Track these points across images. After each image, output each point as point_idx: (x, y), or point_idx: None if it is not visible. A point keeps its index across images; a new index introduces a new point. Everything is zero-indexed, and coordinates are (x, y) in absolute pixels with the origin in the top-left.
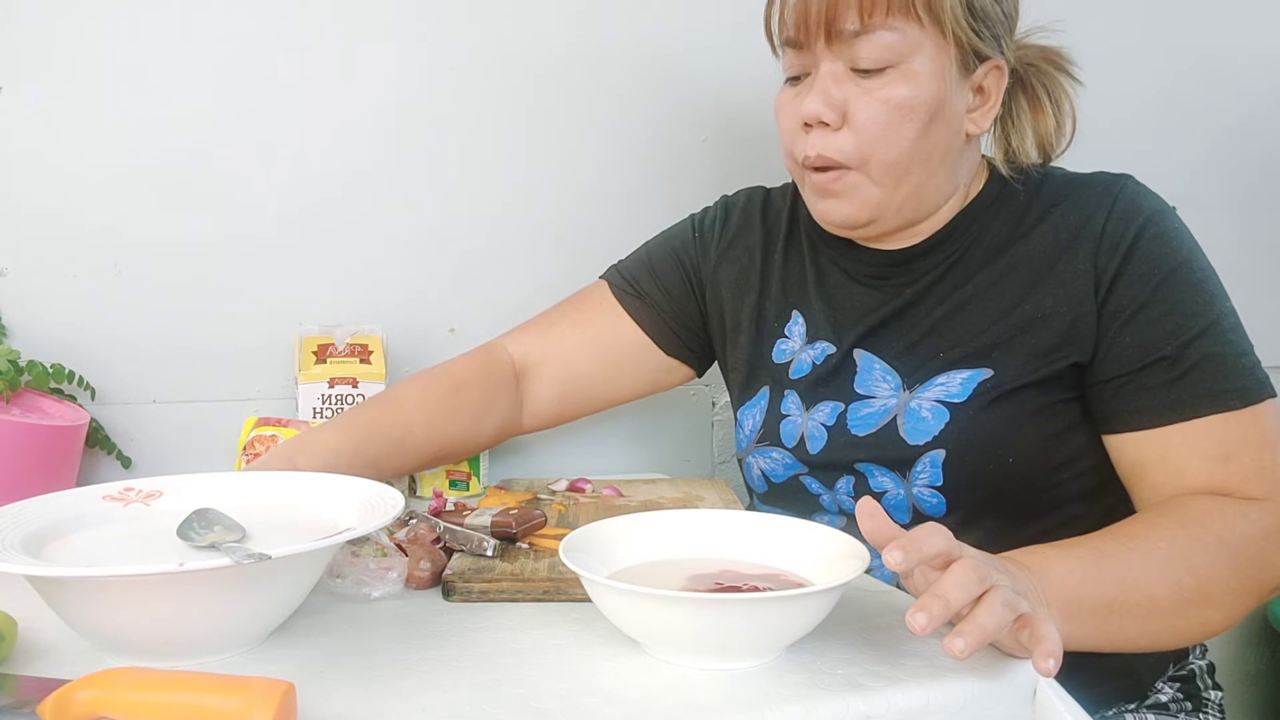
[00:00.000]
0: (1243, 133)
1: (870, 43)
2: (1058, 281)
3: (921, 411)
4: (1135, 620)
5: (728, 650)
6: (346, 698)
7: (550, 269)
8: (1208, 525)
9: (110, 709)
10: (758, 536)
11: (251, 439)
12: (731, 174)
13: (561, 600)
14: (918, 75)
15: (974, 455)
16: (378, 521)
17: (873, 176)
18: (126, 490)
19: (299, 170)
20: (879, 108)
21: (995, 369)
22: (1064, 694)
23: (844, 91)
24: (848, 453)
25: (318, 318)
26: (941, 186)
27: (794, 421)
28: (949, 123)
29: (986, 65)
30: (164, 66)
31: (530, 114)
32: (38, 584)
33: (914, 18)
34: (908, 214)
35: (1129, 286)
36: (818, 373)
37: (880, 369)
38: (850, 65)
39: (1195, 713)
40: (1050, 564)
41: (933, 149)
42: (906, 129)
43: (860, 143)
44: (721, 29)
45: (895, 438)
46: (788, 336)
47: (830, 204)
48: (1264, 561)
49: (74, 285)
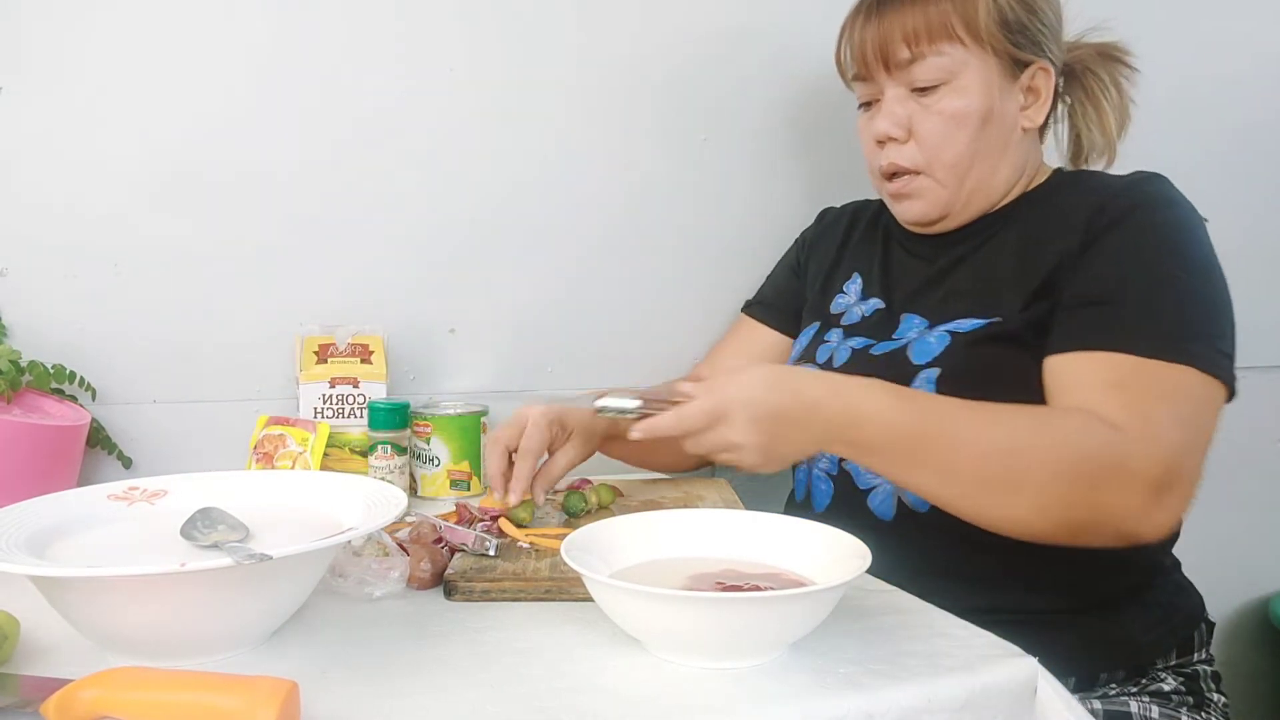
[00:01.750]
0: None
1: (923, 66)
2: (1055, 239)
3: (928, 338)
4: (933, 474)
5: (729, 649)
6: (349, 697)
7: (550, 269)
8: (1054, 425)
9: (113, 709)
10: (759, 536)
11: (261, 438)
12: (731, 173)
13: (563, 600)
14: (967, 88)
15: (967, 378)
16: (379, 521)
17: (937, 178)
18: (131, 489)
19: (300, 170)
20: (936, 120)
21: (1003, 317)
22: (1064, 693)
23: (906, 109)
24: (862, 368)
25: (319, 318)
26: (1006, 177)
27: (829, 346)
28: (1002, 123)
29: (1032, 68)
30: (164, 67)
31: (530, 114)
32: (40, 584)
33: (956, 40)
34: (976, 205)
35: (1111, 238)
36: (865, 322)
37: (917, 320)
38: (909, 86)
39: (1197, 709)
40: (878, 402)
41: (989, 148)
42: (962, 135)
43: (924, 151)
44: (720, 30)
45: (903, 357)
46: (845, 293)
47: (906, 204)
48: (1089, 480)
49: (74, 285)
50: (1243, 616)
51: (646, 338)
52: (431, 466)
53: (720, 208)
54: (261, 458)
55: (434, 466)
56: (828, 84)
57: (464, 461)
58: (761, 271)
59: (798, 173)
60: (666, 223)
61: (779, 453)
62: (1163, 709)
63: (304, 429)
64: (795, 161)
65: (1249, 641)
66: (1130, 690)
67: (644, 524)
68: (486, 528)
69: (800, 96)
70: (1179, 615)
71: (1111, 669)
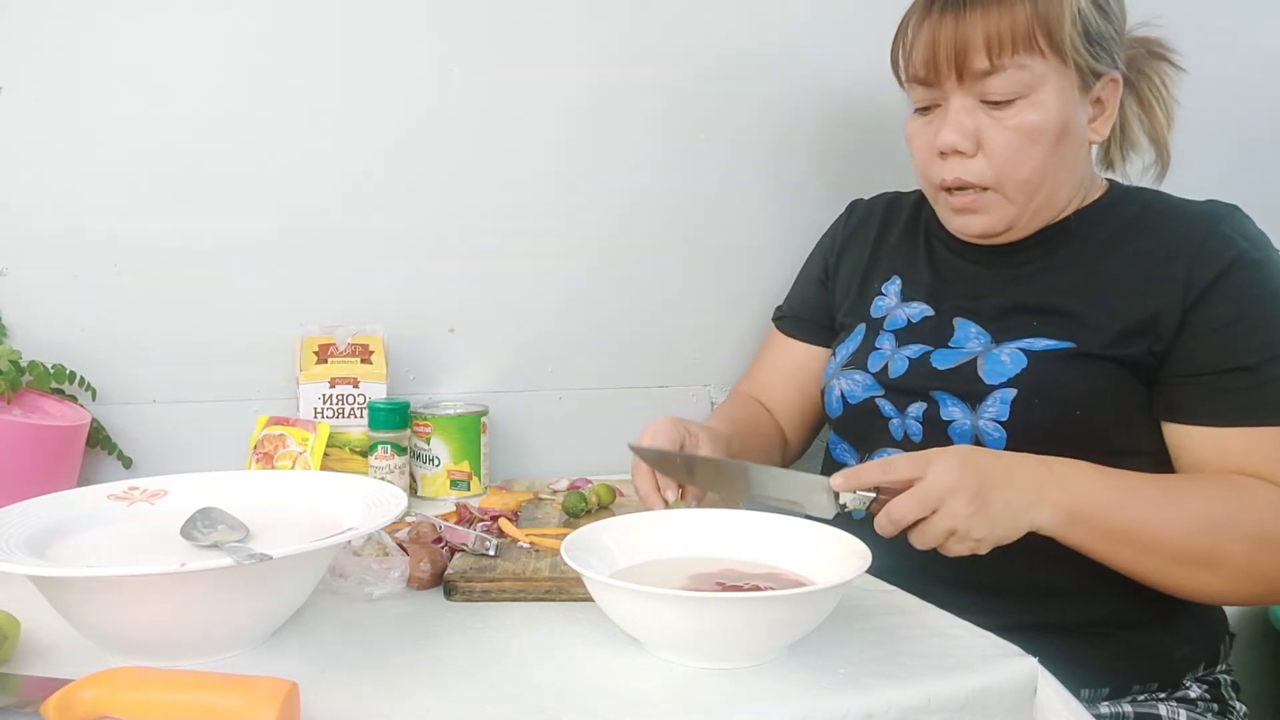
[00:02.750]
0: None
1: (1000, 79)
2: (1148, 284)
3: (1001, 356)
4: (1133, 550)
5: (729, 649)
6: (349, 697)
7: (551, 269)
8: (1248, 502)
9: (113, 708)
10: (759, 536)
11: (261, 438)
12: (731, 172)
13: (563, 600)
14: (1045, 103)
15: (1042, 400)
16: (379, 521)
17: (1007, 195)
18: (131, 489)
19: (300, 170)
20: (1011, 136)
21: (1078, 343)
22: (1064, 693)
23: (976, 121)
24: (926, 381)
25: (319, 318)
26: (1069, 193)
27: (882, 354)
28: (1073, 138)
29: (1104, 80)
30: (164, 67)
31: (529, 114)
32: (40, 584)
33: (1038, 52)
34: (1040, 219)
35: (1220, 298)
36: (913, 327)
37: (975, 330)
38: (980, 98)
39: (1222, 715)
40: (1078, 474)
41: (1060, 164)
42: (1037, 152)
43: (995, 166)
44: (724, 30)
45: (973, 374)
46: (884, 294)
47: (968, 219)
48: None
49: (74, 285)
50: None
51: (647, 337)
52: (431, 466)
53: (722, 208)
54: (261, 458)
55: (434, 466)
56: (835, 83)
57: (464, 461)
58: (764, 272)
59: (802, 172)
60: (667, 223)
61: (991, 512)
62: (1190, 712)
63: (304, 429)
64: (800, 161)
65: (1249, 643)
66: (1159, 696)
67: (644, 524)
68: (486, 528)
69: (807, 96)
70: (1210, 629)
71: (1146, 682)
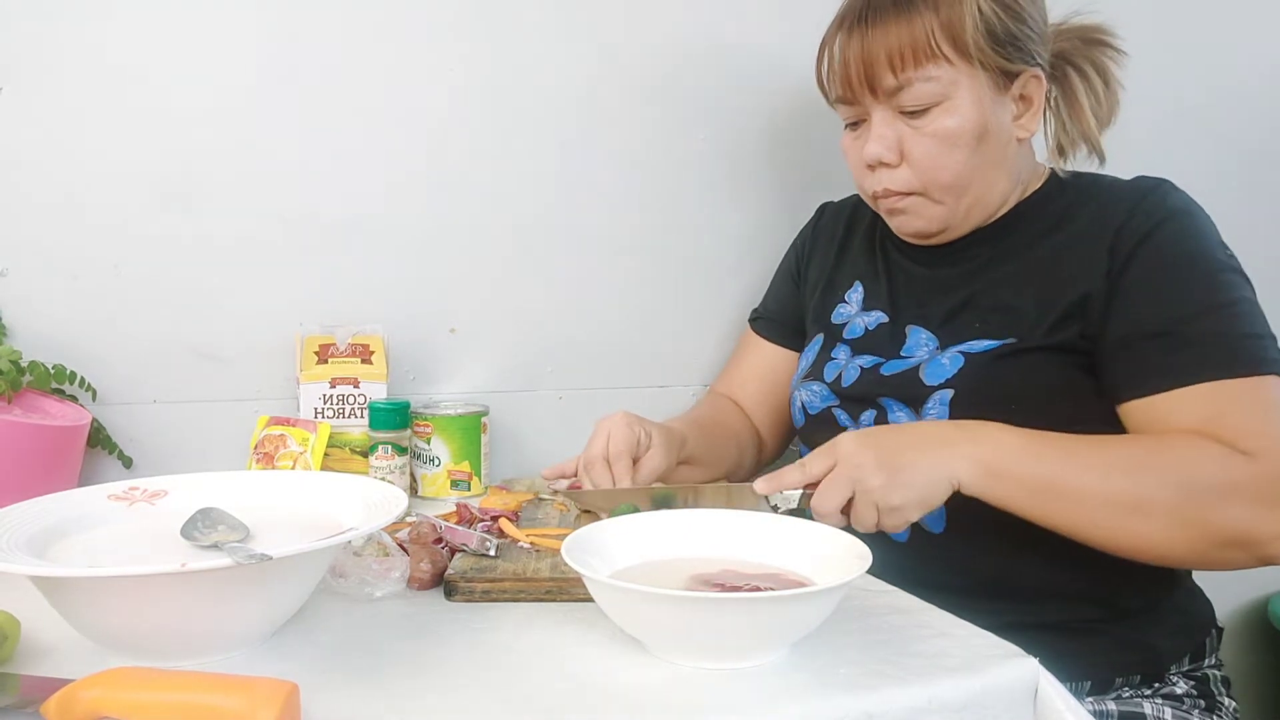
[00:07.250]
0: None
1: (911, 92)
2: (1080, 266)
3: (943, 360)
4: (1061, 503)
5: (729, 650)
6: (349, 697)
7: (551, 269)
8: (1173, 453)
9: (113, 709)
10: (759, 536)
11: (262, 438)
12: (731, 172)
13: (564, 600)
14: (959, 108)
15: (979, 399)
16: (379, 521)
17: (934, 198)
18: (131, 489)
19: (300, 170)
20: (930, 143)
21: (1019, 337)
22: (1065, 694)
23: (896, 132)
24: (874, 388)
25: (319, 318)
26: (1003, 189)
27: (838, 364)
28: (996, 137)
29: (1023, 77)
30: (164, 67)
31: (531, 115)
32: (41, 584)
33: (943, 60)
34: (976, 217)
35: (1140, 267)
36: (869, 336)
37: (925, 337)
38: (898, 110)
39: (1209, 712)
40: (993, 430)
41: (985, 163)
42: (957, 155)
43: (919, 173)
44: (719, 31)
45: (915, 378)
46: (846, 302)
47: (902, 219)
48: (1220, 505)
49: (75, 285)
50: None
51: (646, 337)
52: (432, 466)
53: (722, 208)
54: (262, 458)
55: (434, 466)
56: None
57: (464, 461)
58: (763, 272)
59: (800, 173)
60: (668, 223)
61: (903, 477)
62: (1175, 710)
63: (304, 429)
64: (798, 161)
65: (1248, 642)
66: (1144, 693)
67: (644, 524)
68: (487, 528)
69: (800, 98)
70: (1194, 622)
71: (1129, 674)
